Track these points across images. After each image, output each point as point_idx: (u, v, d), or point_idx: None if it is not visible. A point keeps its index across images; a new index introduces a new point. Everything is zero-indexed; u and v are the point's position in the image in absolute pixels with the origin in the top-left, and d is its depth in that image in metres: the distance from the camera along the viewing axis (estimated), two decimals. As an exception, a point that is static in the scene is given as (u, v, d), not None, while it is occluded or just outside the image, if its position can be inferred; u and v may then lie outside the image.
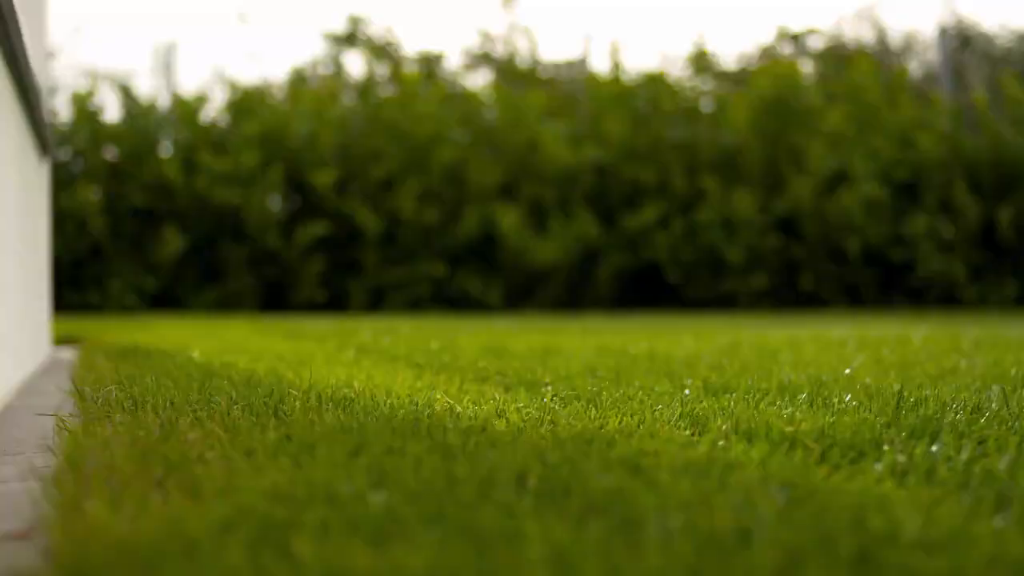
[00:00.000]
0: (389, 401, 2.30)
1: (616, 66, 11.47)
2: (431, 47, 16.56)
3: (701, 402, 2.29)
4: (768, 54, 14.04)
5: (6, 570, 1.18)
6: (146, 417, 2.08)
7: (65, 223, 9.92)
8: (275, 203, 10.60)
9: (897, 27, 18.75)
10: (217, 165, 10.27)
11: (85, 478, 1.51)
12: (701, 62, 12.20)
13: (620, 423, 2.00)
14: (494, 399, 2.40)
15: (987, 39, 14.67)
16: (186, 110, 10.67)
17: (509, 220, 10.46)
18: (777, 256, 10.72)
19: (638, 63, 24.68)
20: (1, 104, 3.12)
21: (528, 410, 2.19)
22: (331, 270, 10.62)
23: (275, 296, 10.59)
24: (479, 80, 14.19)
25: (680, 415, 2.12)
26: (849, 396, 2.41)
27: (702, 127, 11.33)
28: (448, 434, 1.83)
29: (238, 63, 21.31)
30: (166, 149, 10.63)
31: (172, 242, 10.05)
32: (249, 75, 19.88)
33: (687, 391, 2.55)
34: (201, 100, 10.78)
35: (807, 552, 1.16)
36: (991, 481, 1.52)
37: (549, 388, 2.62)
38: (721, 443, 1.80)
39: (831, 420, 1.99)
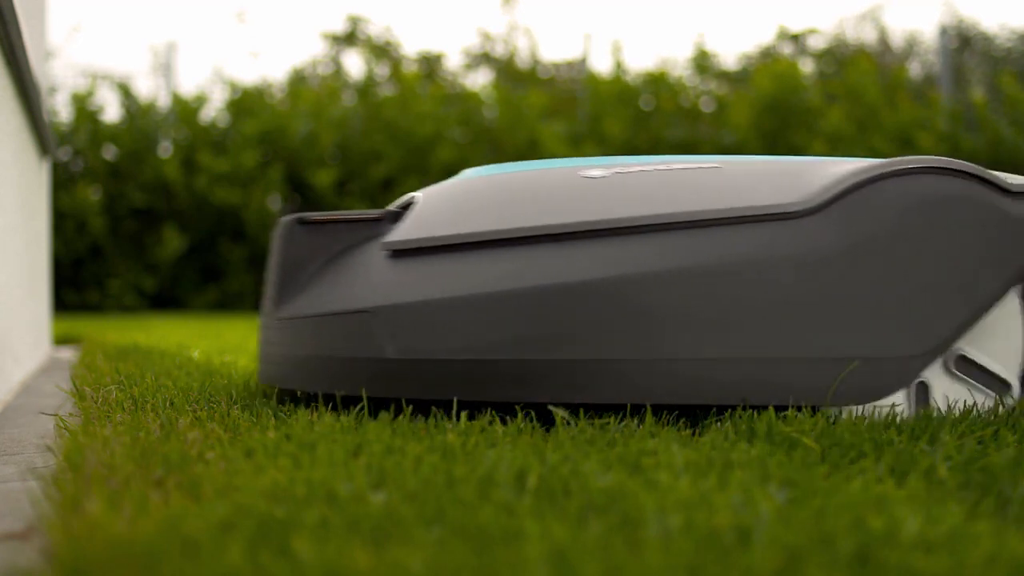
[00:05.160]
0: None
1: (617, 65, 11.47)
2: (431, 47, 16.57)
3: (701, 402, 2.29)
4: (768, 54, 14.05)
5: (6, 570, 1.18)
6: (146, 417, 2.08)
7: (65, 223, 9.91)
8: (275, 203, 10.60)
9: (898, 28, 18.77)
10: (217, 165, 10.27)
11: (85, 478, 1.52)
12: (701, 62, 12.19)
13: (620, 422, 2.00)
14: (494, 399, 2.39)
15: (987, 39, 14.68)
16: (186, 110, 10.66)
17: (509, 220, 10.45)
18: (777, 256, 10.71)
19: (639, 63, 24.71)
20: (1, 104, 3.12)
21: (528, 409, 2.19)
22: (331, 270, 10.62)
23: (275, 296, 10.58)
24: (479, 80, 14.20)
25: (680, 415, 2.12)
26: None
27: (702, 127, 11.33)
28: (448, 434, 1.83)
29: (238, 63, 21.29)
30: (166, 149, 10.62)
31: (172, 242, 10.04)
32: (249, 75, 19.89)
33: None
34: (201, 100, 10.77)
35: (807, 552, 1.16)
36: (991, 481, 1.53)
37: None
38: (721, 443, 1.80)
39: (831, 420, 2.00)
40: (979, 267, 2.18)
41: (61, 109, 10.59)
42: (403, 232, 2.23)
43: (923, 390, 2.19)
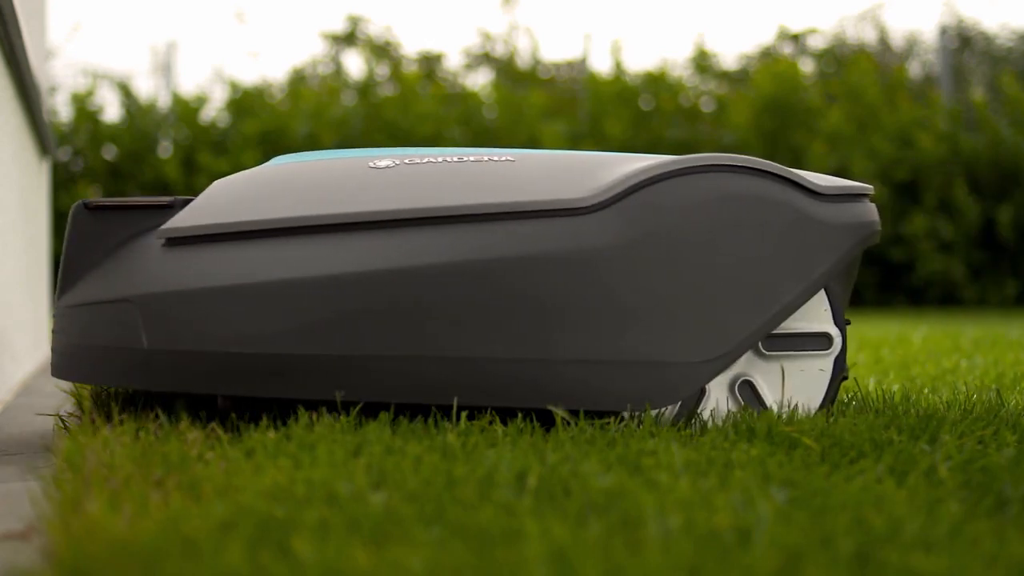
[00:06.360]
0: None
1: (617, 65, 11.47)
2: (431, 47, 16.56)
3: (701, 402, 2.29)
4: (768, 54, 14.05)
5: (6, 570, 1.18)
6: (146, 416, 2.08)
7: (65, 223, 9.92)
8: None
9: (898, 28, 18.77)
10: (217, 165, 10.27)
11: (85, 478, 1.52)
12: (701, 62, 12.19)
13: (620, 422, 2.00)
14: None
15: (987, 39, 14.68)
16: (186, 110, 10.65)
17: (509, 220, 10.43)
18: (777, 256, 10.69)
19: (639, 63, 24.70)
20: (1, 104, 3.12)
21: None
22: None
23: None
24: (479, 80, 14.20)
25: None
26: (849, 396, 2.42)
27: (703, 127, 11.32)
28: (448, 434, 1.83)
29: (238, 63, 21.28)
30: (166, 149, 10.62)
31: (172, 242, 10.03)
32: (249, 75, 19.88)
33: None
34: (201, 100, 10.77)
35: (807, 552, 1.16)
36: (991, 481, 1.53)
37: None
38: (721, 443, 1.80)
39: (831, 420, 2.00)
40: (778, 270, 2.07)
41: (61, 109, 10.60)
42: (177, 220, 2.11)
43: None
